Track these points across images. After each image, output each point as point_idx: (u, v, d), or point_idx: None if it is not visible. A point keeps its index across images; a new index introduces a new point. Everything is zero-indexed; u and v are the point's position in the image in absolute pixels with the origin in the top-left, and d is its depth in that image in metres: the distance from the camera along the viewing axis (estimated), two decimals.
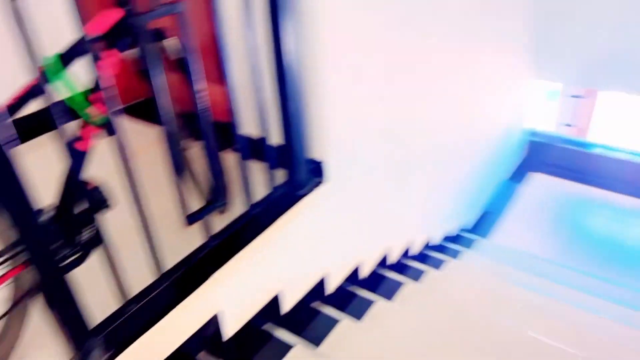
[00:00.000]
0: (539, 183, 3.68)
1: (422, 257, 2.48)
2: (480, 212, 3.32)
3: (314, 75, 1.33)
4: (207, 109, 1.05)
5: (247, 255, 1.26)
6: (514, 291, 2.33)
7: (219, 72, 1.10)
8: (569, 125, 3.72)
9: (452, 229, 2.92)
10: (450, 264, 2.42)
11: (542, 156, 3.84)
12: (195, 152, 1.24)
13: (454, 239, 2.94)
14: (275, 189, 1.36)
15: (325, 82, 1.36)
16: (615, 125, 3.49)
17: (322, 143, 1.45)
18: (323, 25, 1.28)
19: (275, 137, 1.32)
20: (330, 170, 1.50)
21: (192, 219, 1.12)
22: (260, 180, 1.32)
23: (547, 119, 3.91)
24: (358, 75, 1.53)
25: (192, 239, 1.15)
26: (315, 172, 1.49)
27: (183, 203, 1.07)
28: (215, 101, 1.10)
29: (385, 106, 1.74)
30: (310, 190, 1.46)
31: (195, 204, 1.13)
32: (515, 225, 3.26)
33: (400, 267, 2.26)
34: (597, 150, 3.62)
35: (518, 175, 3.77)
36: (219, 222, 1.21)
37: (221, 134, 1.13)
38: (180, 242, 1.13)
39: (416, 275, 2.20)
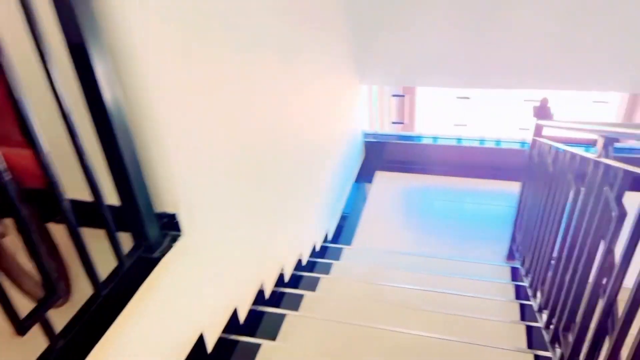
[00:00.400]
0: (382, 180, 3.92)
1: (296, 281, 2.42)
2: (339, 219, 3.40)
3: (146, 120, 1.16)
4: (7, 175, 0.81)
5: (107, 345, 1.04)
6: (386, 292, 2.42)
7: (20, 132, 0.87)
8: (398, 122, 4.03)
9: (319, 241, 2.93)
10: (324, 282, 2.40)
11: (380, 155, 4.11)
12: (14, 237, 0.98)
13: (322, 252, 2.95)
14: (126, 257, 1.16)
15: (162, 125, 1.20)
16: (435, 116, 3.89)
17: (171, 193, 1.28)
18: (147, 63, 1.12)
19: (113, 197, 1.12)
20: (187, 221, 1.33)
21: (22, 326, 0.87)
22: (105, 251, 1.11)
23: (380, 119, 4.20)
24: (199, 110, 1.39)
25: (34, 345, 0.90)
26: (169, 227, 1.31)
27: (7, 308, 0.82)
28: (25, 166, 0.88)
29: (236, 137, 1.63)
30: (168, 248, 1.28)
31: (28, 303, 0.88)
32: (372, 225, 3.40)
33: (277, 298, 2.16)
34: (424, 141, 3.99)
35: (363, 176, 3.98)
36: (65, 313, 0.98)
37: (40, 203, 0.91)
38: (18, 354, 0.88)
39: (294, 303, 2.13)
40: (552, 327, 1.70)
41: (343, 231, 3.36)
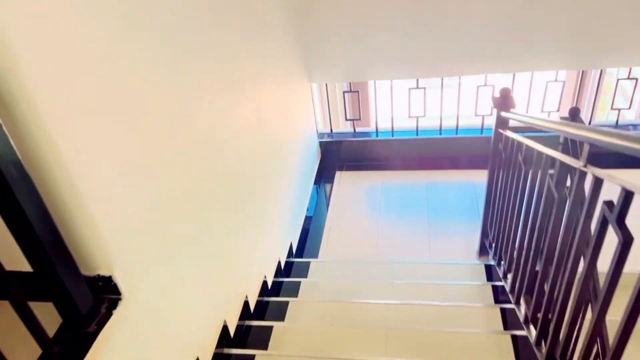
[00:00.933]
0: (343, 181, 3.76)
1: (262, 310, 2.23)
2: (302, 227, 3.22)
3: (57, 172, 0.93)
4: None
5: None
6: (360, 312, 2.27)
7: None
8: (353, 119, 3.88)
9: (283, 256, 2.74)
10: (293, 308, 2.23)
11: (337, 154, 3.95)
12: None
13: (288, 269, 2.76)
14: (52, 340, 0.93)
15: (78, 177, 0.96)
16: (391, 109, 3.76)
17: (102, 252, 1.06)
18: (49, 109, 0.88)
19: (29, 262, 0.90)
20: (126, 280, 1.11)
21: None
22: (25, 334, 0.89)
23: (334, 118, 4.03)
24: (122, 150, 1.15)
25: None
26: (106, 291, 1.09)
27: None
28: None
29: (174, 171, 1.40)
30: (106, 317, 1.06)
31: None
32: (337, 230, 3.24)
33: (244, 334, 1.97)
34: (382, 136, 3.86)
35: (323, 178, 3.81)
36: None
37: None
38: None
39: (262, 339, 1.94)
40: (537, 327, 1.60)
41: (308, 240, 3.18)
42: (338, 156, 3.96)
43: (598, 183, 1.13)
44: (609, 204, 1.08)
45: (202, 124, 1.65)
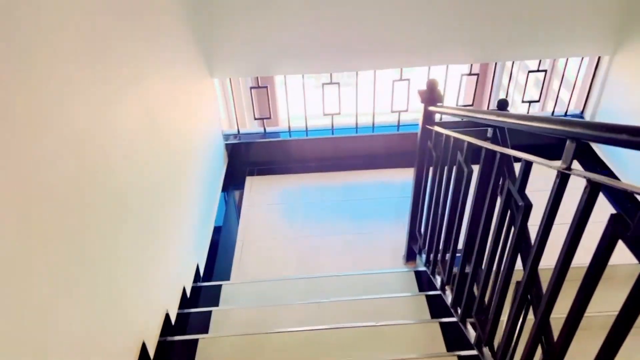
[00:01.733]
0: (254, 187, 3.39)
1: (165, 356, 1.81)
2: (210, 244, 2.80)
3: None
4: None
5: None
6: (280, 342, 1.94)
7: None
8: (262, 118, 3.52)
9: (189, 282, 2.31)
10: (203, 347, 1.83)
11: (246, 157, 3.57)
12: None
13: (196, 296, 2.34)
14: None
15: None
16: (302, 106, 3.46)
17: None
18: None
19: None
20: None
21: None
22: None
23: (240, 117, 3.64)
24: None
25: None
26: None
27: None
28: None
29: (42, 207, 0.96)
30: None
31: None
32: (251, 244, 2.87)
33: None
34: (295, 136, 3.55)
35: (231, 184, 3.41)
36: None
37: None
38: None
39: None
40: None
41: (218, 258, 2.77)
42: (247, 160, 3.58)
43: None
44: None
45: (70, 125, 1.20)
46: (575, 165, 0.98)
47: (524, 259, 1.25)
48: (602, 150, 3.31)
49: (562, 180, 1.00)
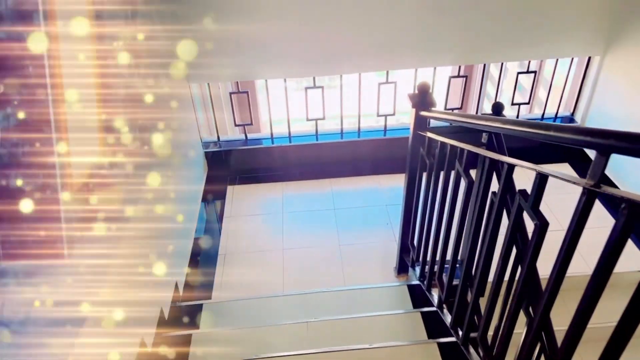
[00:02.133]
0: (236, 197, 3.23)
1: None
2: (190, 259, 2.63)
3: None
4: None
5: None
6: None
7: None
8: (243, 124, 3.36)
9: (167, 303, 2.14)
10: None
11: (227, 166, 3.41)
12: None
13: (177, 317, 2.17)
14: None
15: None
16: (285, 111, 3.32)
17: None
18: None
19: None
20: None
21: None
22: None
23: (221, 123, 3.47)
24: None
25: None
26: None
27: None
28: None
29: None
30: None
31: None
32: (232, 258, 2.71)
33: None
34: (278, 143, 3.40)
35: (212, 194, 3.24)
36: None
37: None
38: None
39: None
40: None
41: (198, 274, 2.60)
42: (229, 168, 3.42)
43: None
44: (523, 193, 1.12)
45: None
46: (565, 167, 0.88)
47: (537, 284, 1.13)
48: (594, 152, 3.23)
49: (589, 198, 0.88)
